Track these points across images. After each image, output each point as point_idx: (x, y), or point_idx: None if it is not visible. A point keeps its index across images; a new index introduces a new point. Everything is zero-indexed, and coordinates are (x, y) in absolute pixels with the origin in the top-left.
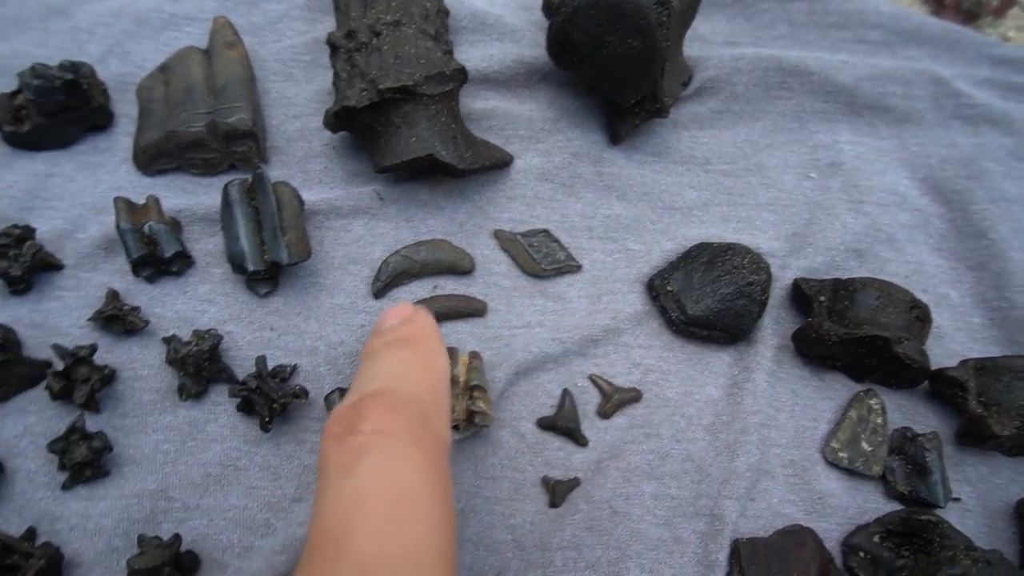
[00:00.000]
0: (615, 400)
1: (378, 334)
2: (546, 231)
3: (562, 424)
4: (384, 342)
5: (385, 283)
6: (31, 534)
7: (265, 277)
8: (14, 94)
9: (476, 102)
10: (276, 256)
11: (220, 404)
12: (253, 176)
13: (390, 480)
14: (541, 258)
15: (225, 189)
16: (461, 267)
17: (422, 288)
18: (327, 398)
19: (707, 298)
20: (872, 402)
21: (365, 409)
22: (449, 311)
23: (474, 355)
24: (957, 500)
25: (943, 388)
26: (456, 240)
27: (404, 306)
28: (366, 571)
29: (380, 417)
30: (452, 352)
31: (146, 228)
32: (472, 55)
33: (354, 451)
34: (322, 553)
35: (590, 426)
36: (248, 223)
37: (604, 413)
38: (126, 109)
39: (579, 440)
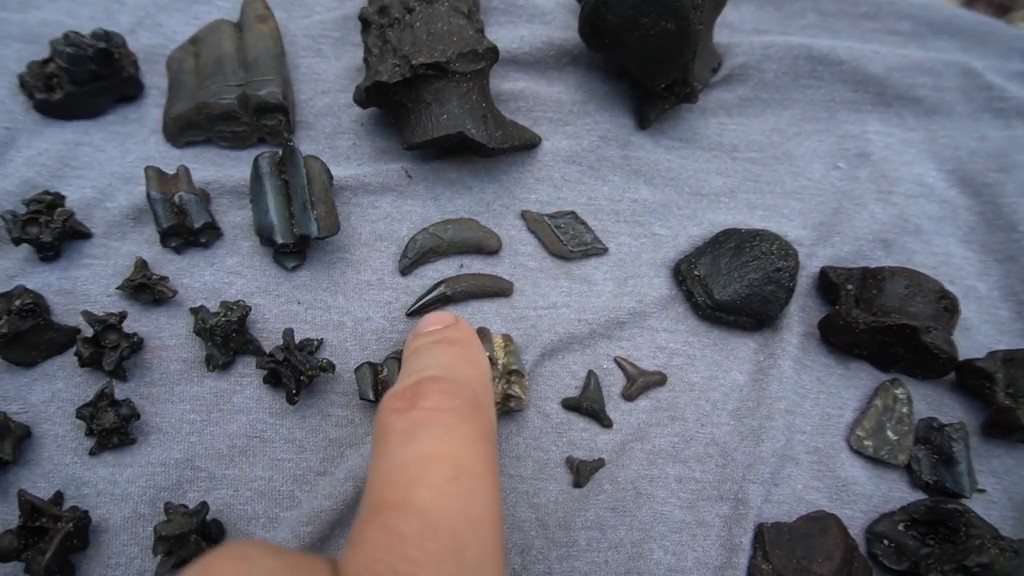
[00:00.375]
0: (640, 383)
1: (421, 334)
2: (573, 213)
3: (587, 405)
4: (431, 340)
5: (412, 260)
6: (58, 498)
7: (293, 251)
8: (45, 62)
9: (505, 83)
10: (306, 230)
11: (246, 376)
12: (284, 149)
13: (451, 450)
14: (568, 240)
15: (256, 161)
16: (488, 247)
17: (448, 266)
18: (357, 370)
19: (735, 283)
20: (898, 391)
21: (425, 389)
22: (476, 290)
23: (507, 337)
24: (982, 491)
25: (970, 379)
26: (483, 220)
27: (446, 314)
28: (430, 523)
29: (439, 397)
30: (484, 332)
31: (176, 198)
32: (502, 36)
33: (416, 422)
34: (386, 509)
35: (615, 408)
36: (278, 196)
37: (629, 395)
38: (156, 81)
39: (604, 421)
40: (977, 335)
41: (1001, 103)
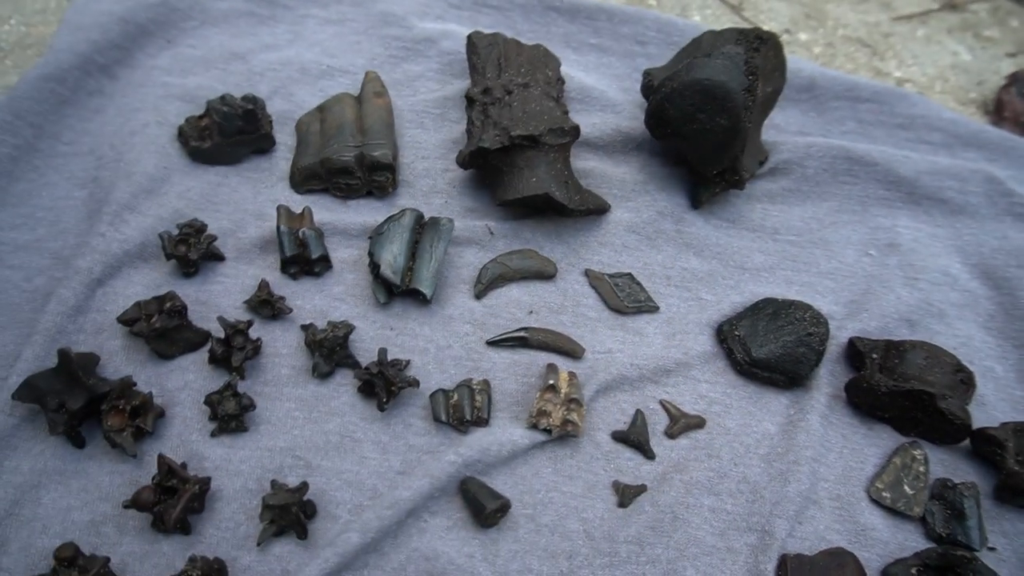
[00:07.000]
0: (681, 424)
1: None
2: (630, 275)
3: (633, 438)
4: None
5: (485, 286)
6: (184, 468)
7: (393, 292)
8: (201, 117)
9: (578, 161)
10: (422, 287)
11: (343, 385)
12: (440, 222)
13: None
14: (624, 297)
15: (404, 212)
16: (546, 272)
17: (518, 291)
18: (432, 396)
19: (770, 343)
20: (916, 452)
21: None
22: (551, 343)
23: (572, 374)
24: (993, 550)
25: (983, 446)
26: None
27: None
28: None
29: None
30: (553, 367)
31: (300, 233)
32: (578, 121)
33: None
34: None
35: (658, 443)
36: (407, 247)
37: (671, 434)
38: (284, 139)
39: (648, 453)
40: (993, 410)
41: (1022, 208)
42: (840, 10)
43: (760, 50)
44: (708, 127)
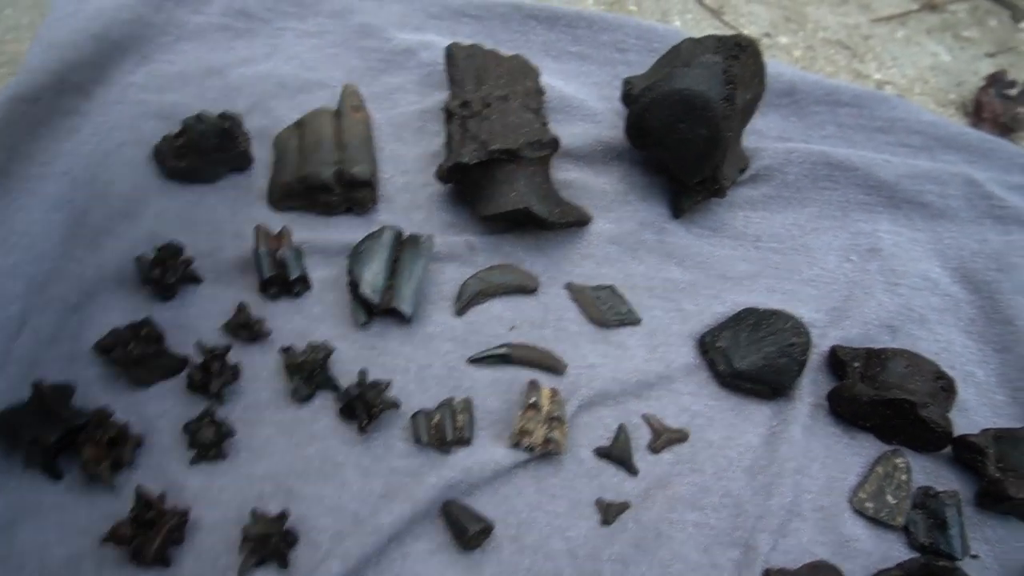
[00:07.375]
0: (664, 438)
1: None
2: (611, 287)
3: (616, 454)
4: None
5: (465, 303)
6: (162, 498)
7: (373, 311)
8: (177, 136)
9: (559, 172)
10: (403, 307)
11: (323, 408)
12: (420, 239)
13: None
14: (606, 310)
15: (383, 230)
16: (528, 287)
17: (499, 306)
18: (413, 418)
19: (752, 354)
20: (898, 461)
21: None
22: (533, 359)
23: (554, 391)
24: (975, 557)
25: (964, 453)
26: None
27: None
28: None
29: None
30: (535, 384)
31: (278, 254)
32: (559, 131)
33: None
34: None
35: (641, 458)
36: (386, 266)
37: (654, 448)
38: (263, 156)
39: (631, 469)
40: (975, 416)
41: (1001, 211)
42: (820, 13)
43: (739, 58)
44: (688, 137)
